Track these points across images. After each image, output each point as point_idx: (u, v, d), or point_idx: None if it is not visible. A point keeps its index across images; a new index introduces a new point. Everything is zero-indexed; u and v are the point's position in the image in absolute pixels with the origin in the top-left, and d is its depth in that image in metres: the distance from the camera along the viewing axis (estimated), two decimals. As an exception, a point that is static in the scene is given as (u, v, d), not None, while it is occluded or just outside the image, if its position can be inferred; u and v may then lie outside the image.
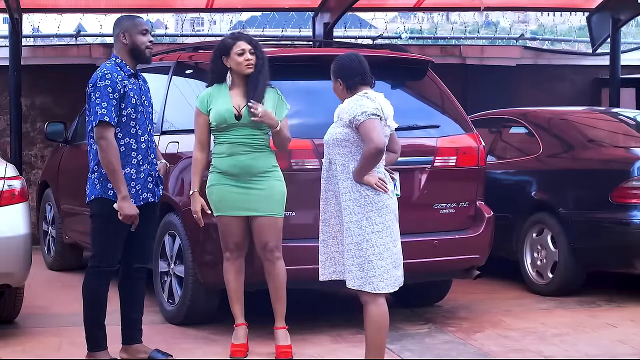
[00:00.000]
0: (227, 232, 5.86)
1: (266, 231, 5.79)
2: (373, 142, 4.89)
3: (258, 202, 5.77)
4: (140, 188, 5.49)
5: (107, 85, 5.35)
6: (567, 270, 7.66)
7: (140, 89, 5.56)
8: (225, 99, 5.83)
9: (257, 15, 13.64)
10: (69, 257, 9.11)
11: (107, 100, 5.33)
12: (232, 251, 5.87)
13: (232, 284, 5.90)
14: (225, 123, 5.77)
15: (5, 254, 6.08)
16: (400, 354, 5.94)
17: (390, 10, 13.17)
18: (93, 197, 5.46)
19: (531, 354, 6.00)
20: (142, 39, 5.53)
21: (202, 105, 5.89)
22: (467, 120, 6.96)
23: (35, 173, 10.87)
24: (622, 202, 7.38)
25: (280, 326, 5.84)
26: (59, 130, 8.87)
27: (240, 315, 5.92)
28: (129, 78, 5.48)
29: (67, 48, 11.65)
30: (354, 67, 5.14)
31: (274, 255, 5.81)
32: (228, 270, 5.90)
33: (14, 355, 5.93)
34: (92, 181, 5.47)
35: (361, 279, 4.95)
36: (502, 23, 17.69)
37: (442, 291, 7.34)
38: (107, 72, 5.40)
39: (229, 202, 5.79)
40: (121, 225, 5.41)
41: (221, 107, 5.80)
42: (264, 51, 5.94)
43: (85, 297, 5.62)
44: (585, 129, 8.19)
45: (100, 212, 5.45)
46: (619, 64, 11.19)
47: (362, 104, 4.97)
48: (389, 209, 5.00)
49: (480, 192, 6.84)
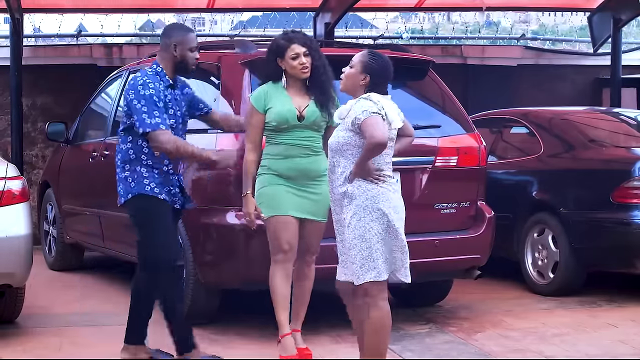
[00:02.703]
0: (282, 231, 5.57)
1: (314, 235, 5.71)
2: (374, 138, 4.83)
3: (314, 206, 5.65)
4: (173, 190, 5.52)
5: (152, 94, 5.36)
6: (568, 270, 7.66)
7: (175, 99, 5.56)
8: (284, 99, 5.64)
9: (258, 15, 13.64)
10: (70, 257, 9.11)
11: (156, 108, 5.35)
12: (285, 252, 5.58)
13: (282, 290, 5.60)
14: (287, 124, 5.60)
15: (6, 254, 6.08)
16: (401, 354, 5.94)
17: (391, 10, 13.17)
18: (130, 196, 5.46)
19: (532, 354, 6.00)
20: (191, 55, 5.54)
21: (258, 104, 5.63)
22: (468, 120, 6.96)
23: (36, 173, 10.87)
24: (623, 202, 7.38)
25: (298, 329, 5.77)
26: (60, 130, 8.87)
27: (287, 325, 5.64)
28: (167, 88, 5.50)
29: (68, 48, 11.65)
30: (386, 75, 5.07)
31: (311, 259, 5.77)
32: (277, 274, 5.59)
33: (15, 355, 5.93)
34: (124, 180, 5.48)
35: (374, 269, 4.89)
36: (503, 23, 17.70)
37: (443, 291, 7.35)
38: (149, 80, 5.41)
39: (287, 202, 5.59)
40: (165, 215, 5.44)
41: (282, 108, 5.61)
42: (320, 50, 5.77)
43: (137, 293, 5.56)
44: (586, 129, 8.19)
45: (143, 207, 5.44)
46: (620, 64, 11.18)
47: (363, 104, 4.96)
48: (391, 203, 4.96)
49: (481, 192, 6.85)
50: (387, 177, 4.99)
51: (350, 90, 5.10)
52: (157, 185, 5.44)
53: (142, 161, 5.44)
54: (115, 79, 8.38)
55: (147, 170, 5.44)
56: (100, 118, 8.43)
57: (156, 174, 5.46)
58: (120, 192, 5.51)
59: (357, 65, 5.06)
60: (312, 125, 5.66)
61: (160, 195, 5.44)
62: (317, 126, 5.68)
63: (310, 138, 5.66)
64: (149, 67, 5.56)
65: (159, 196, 5.43)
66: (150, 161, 5.44)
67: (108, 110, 8.24)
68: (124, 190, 5.48)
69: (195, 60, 5.56)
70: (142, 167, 5.44)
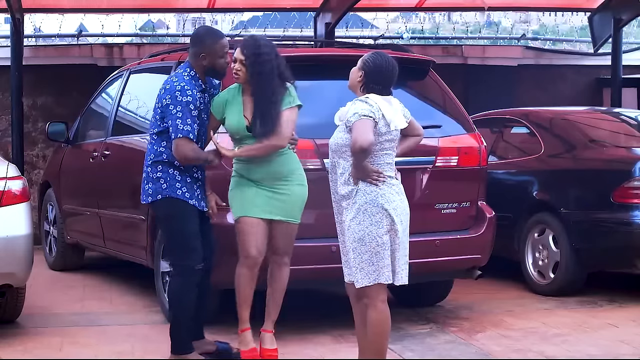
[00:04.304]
0: (250, 234, 5.59)
1: (282, 236, 5.69)
2: (356, 142, 4.84)
3: (283, 208, 5.64)
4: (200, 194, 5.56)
5: (189, 101, 5.39)
6: (569, 270, 7.66)
7: (205, 103, 5.58)
8: (237, 108, 5.61)
9: (259, 15, 13.65)
10: (70, 257, 9.10)
11: (190, 117, 5.38)
12: (253, 257, 5.59)
13: (245, 291, 5.62)
14: (239, 134, 5.61)
15: (6, 254, 6.07)
16: (402, 354, 5.94)
17: (391, 10, 13.16)
18: (160, 197, 5.49)
19: (532, 354, 6.00)
20: (222, 61, 5.54)
21: (216, 110, 5.66)
22: (468, 120, 6.96)
23: (37, 173, 10.87)
24: (623, 202, 7.38)
25: (269, 329, 5.73)
26: (61, 130, 8.87)
27: (247, 320, 5.69)
28: (201, 93, 5.52)
29: (69, 48, 11.65)
30: (382, 74, 5.06)
31: (282, 260, 5.74)
32: (243, 276, 5.62)
33: (16, 355, 5.93)
34: (156, 181, 5.50)
35: (373, 273, 4.90)
36: (504, 23, 17.68)
37: (443, 291, 7.34)
38: (187, 87, 5.43)
39: (256, 203, 5.60)
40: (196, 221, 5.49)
41: (233, 119, 5.61)
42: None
43: (174, 298, 5.57)
44: (587, 129, 8.19)
45: (175, 212, 5.49)
46: (621, 64, 11.18)
47: (357, 107, 4.96)
48: (392, 204, 4.95)
49: (481, 192, 6.84)
50: (387, 178, 4.99)
51: (352, 87, 5.16)
52: (188, 190, 5.49)
53: (175, 164, 5.48)
54: (116, 79, 8.39)
55: (179, 173, 5.49)
56: (101, 118, 8.43)
57: (187, 178, 5.50)
58: (149, 190, 5.53)
59: (359, 62, 5.14)
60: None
61: (191, 200, 5.49)
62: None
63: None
64: (183, 69, 5.56)
65: (189, 201, 5.48)
66: (182, 165, 5.49)
67: (109, 110, 8.24)
68: (154, 190, 5.51)
69: (226, 65, 5.56)
70: (175, 170, 5.49)
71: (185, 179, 5.50)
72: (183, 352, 5.54)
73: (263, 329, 5.74)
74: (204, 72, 5.56)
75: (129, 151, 7.46)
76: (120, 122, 7.94)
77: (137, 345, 6.10)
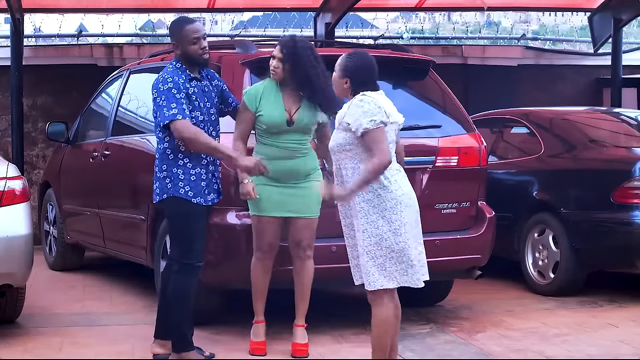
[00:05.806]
0: (263, 232, 5.78)
1: (303, 231, 5.81)
2: (380, 157, 4.80)
3: (300, 204, 5.74)
4: (208, 188, 5.55)
5: (170, 87, 5.39)
6: (569, 270, 7.66)
7: (203, 90, 5.57)
8: (277, 101, 5.69)
9: (259, 15, 13.65)
10: (70, 257, 9.10)
11: (174, 100, 5.37)
12: (264, 252, 5.81)
13: (259, 283, 5.84)
14: (277, 128, 5.67)
15: (6, 254, 6.07)
16: (402, 354, 5.94)
17: (391, 10, 13.15)
18: (165, 197, 5.51)
19: (532, 354, 6.00)
20: (193, 48, 5.51)
21: (251, 102, 5.72)
22: (468, 120, 6.96)
23: (37, 173, 10.87)
24: (623, 202, 7.38)
25: (300, 324, 5.87)
26: (61, 130, 8.87)
27: (261, 313, 5.89)
28: (190, 81, 5.51)
29: (69, 48, 11.65)
30: (367, 72, 5.02)
31: (305, 254, 5.83)
32: (256, 268, 5.83)
33: (16, 355, 5.93)
34: (162, 180, 5.51)
35: (378, 278, 4.89)
36: (504, 23, 17.68)
37: (443, 291, 7.34)
38: (168, 76, 5.44)
39: (272, 203, 5.71)
40: (200, 219, 5.51)
41: (273, 111, 5.67)
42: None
43: (175, 296, 5.57)
44: (587, 129, 8.19)
45: (178, 211, 5.51)
46: (621, 64, 11.18)
47: (367, 111, 4.87)
48: (405, 204, 4.94)
49: (481, 192, 6.84)
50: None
51: (340, 95, 5.14)
52: (192, 188, 5.48)
53: (179, 160, 5.48)
54: (116, 79, 8.38)
55: (183, 171, 5.48)
56: (101, 118, 8.43)
57: (192, 174, 5.49)
58: (157, 190, 5.57)
59: (337, 70, 5.08)
60: (302, 129, 5.72)
61: (194, 198, 5.49)
62: (307, 129, 5.75)
63: (299, 141, 5.74)
64: (170, 63, 5.58)
65: (192, 200, 5.48)
66: (187, 159, 5.48)
67: (109, 110, 8.23)
68: (160, 190, 5.54)
69: (200, 51, 5.52)
70: (178, 169, 5.48)
71: (188, 177, 5.48)
72: (184, 350, 5.54)
73: (295, 324, 5.86)
74: (186, 62, 5.53)
75: (129, 151, 7.46)
76: (120, 122, 7.94)
77: (137, 345, 6.10)
